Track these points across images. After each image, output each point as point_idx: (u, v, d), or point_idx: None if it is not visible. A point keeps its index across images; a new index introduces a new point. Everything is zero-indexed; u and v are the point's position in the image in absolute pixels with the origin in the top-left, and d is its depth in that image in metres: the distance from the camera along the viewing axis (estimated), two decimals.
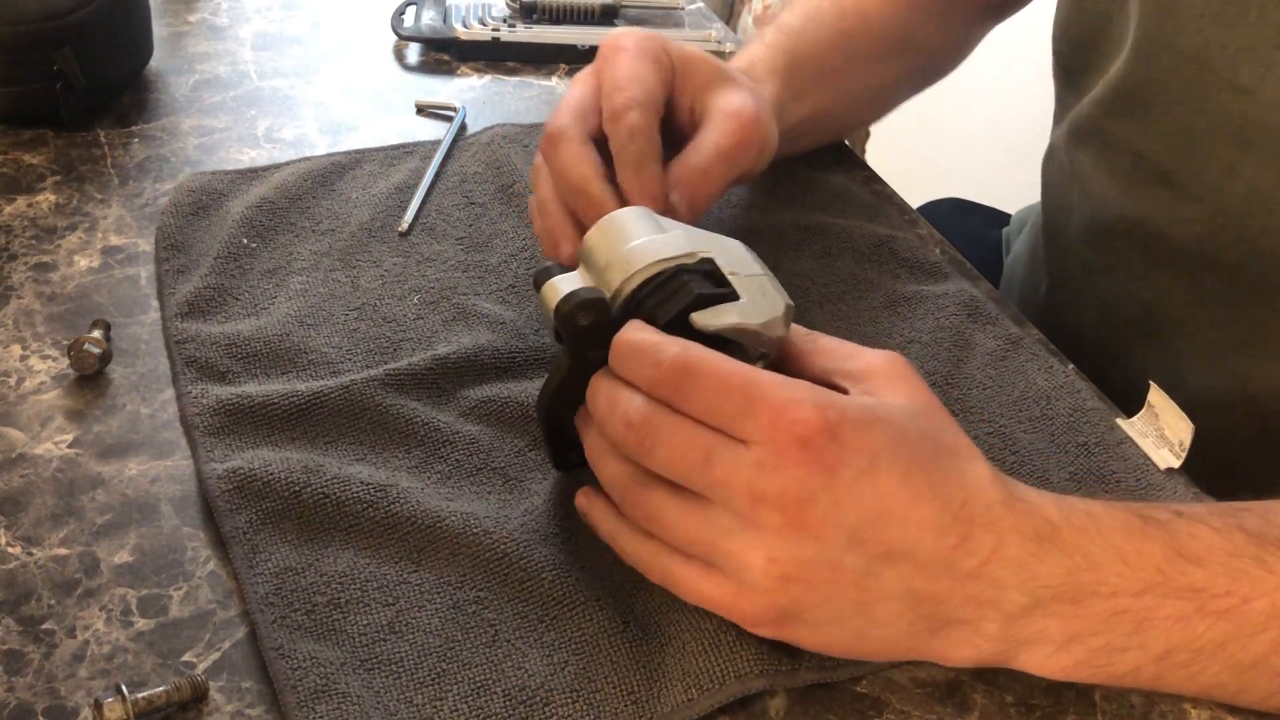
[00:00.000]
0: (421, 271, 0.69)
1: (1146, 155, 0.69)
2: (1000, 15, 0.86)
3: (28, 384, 0.61)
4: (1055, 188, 0.81)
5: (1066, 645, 0.47)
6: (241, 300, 0.66)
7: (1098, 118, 0.72)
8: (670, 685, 0.49)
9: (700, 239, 0.53)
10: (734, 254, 0.53)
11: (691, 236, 0.53)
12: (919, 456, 0.46)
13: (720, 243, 0.53)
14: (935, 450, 0.47)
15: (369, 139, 0.82)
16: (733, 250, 0.54)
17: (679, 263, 0.51)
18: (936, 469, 0.46)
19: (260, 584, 0.51)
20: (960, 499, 0.46)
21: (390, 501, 0.54)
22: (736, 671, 0.49)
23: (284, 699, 0.47)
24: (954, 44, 0.85)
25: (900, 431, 0.46)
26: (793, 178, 0.79)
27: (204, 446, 0.57)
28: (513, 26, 0.93)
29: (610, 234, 0.53)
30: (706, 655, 0.49)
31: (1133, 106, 0.69)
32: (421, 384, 0.61)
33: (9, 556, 0.53)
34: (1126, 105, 0.69)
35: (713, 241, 0.53)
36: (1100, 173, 0.73)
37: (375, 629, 0.50)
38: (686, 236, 0.53)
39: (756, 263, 0.54)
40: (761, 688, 0.49)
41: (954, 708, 0.50)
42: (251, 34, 0.93)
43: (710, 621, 0.50)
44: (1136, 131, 0.69)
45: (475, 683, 0.49)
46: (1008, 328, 0.68)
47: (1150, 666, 0.47)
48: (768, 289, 0.52)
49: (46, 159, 0.77)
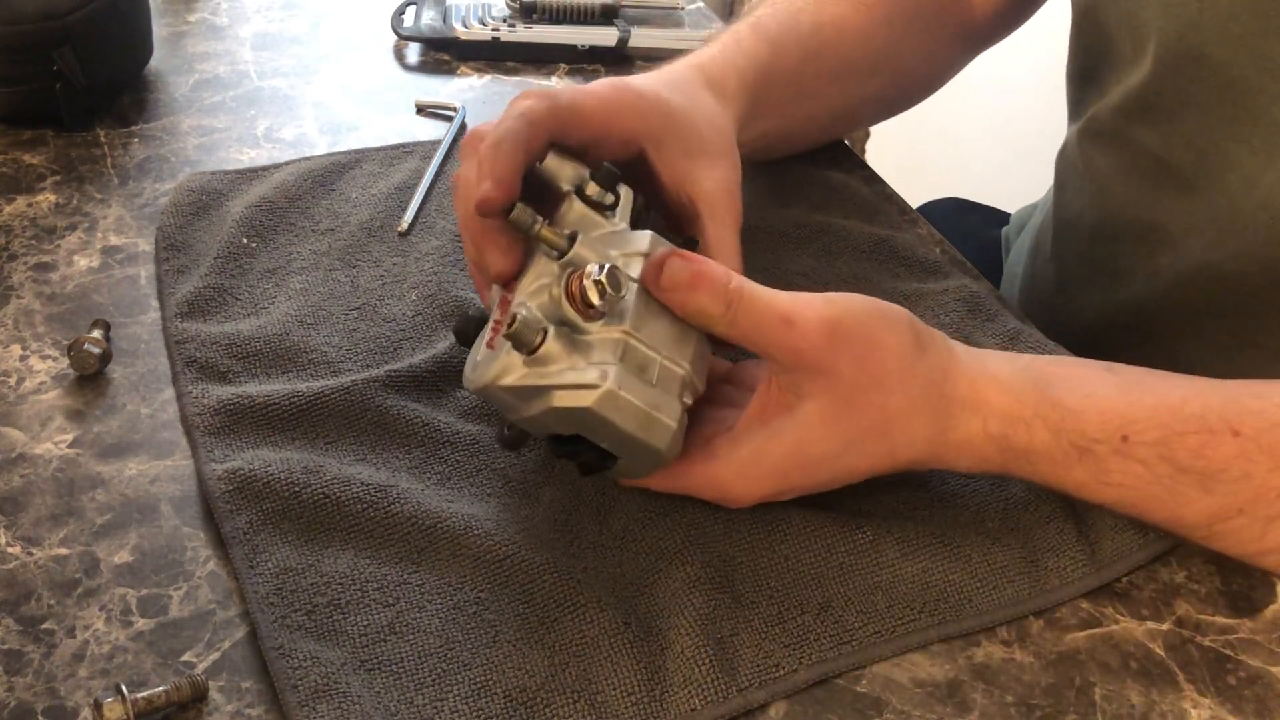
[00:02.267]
0: (420, 267, 0.69)
1: (1166, 160, 0.69)
2: (979, 47, 0.84)
3: (28, 384, 0.61)
4: (1068, 187, 0.81)
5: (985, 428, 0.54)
6: (241, 300, 0.66)
7: (1116, 121, 0.72)
8: (674, 691, 0.49)
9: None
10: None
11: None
12: (830, 457, 0.53)
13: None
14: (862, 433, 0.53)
15: (369, 139, 0.82)
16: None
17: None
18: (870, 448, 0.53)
19: (261, 584, 0.51)
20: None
21: (390, 502, 0.54)
22: (739, 685, 0.49)
23: (285, 698, 0.47)
24: (930, 71, 0.83)
25: (810, 457, 0.53)
26: (793, 177, 0.79)
27: (204, 447, 0.57)
28: (513, 26, 0.93)
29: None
30: (710, 664, 0.49)
31: (1155, 113, 0.69)
32: (422, 385, 0.61)
33: (9, 556, 0.53)
34: (1148, 112, 0.69)
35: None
36: (1117, 175, 0.73)
37: (376, 630, 0.50)
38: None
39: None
40: (762, 700, 0.49)
41: (954, 708, 0.50)
42: (251, 34, 0.93)
43: (714, 629, 0.50)
44: (1158, 137, 0.69)
45: (476, 684, 0.49)
46: (1008, 323, 0.68)
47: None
48: (656, 408, 0.50)
49: (46, 159, 0.77)
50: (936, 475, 0.59)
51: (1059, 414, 0.53)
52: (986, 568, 0.54)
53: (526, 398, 0.50)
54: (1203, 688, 0.51)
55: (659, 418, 0.50)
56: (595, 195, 0.55)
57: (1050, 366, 0.56)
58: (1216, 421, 0.53)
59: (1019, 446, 0.54)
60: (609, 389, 0.49)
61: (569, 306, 0.50)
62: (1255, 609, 0.55)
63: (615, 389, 0.49)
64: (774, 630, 0.51)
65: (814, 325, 0.51)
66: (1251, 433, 0.52)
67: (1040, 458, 0.54)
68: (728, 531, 0.55)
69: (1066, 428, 0.53)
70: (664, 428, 0.50)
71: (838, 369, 0.52)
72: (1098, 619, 0.54)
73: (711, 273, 0.52)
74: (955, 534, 0.55)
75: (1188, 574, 0.56)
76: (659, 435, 0.50)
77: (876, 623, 0.52)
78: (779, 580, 0.53)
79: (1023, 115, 1.70)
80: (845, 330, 0.52)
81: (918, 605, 0.53)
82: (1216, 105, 0.65)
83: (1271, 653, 0.53)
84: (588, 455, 0.52)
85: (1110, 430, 0.53)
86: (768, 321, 0.51)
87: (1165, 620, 0.54)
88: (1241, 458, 0.52)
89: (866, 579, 0.53)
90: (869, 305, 0.54)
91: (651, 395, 0.50)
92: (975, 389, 0.54)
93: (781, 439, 0.52)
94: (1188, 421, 0.53)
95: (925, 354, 0.54)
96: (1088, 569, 0.55)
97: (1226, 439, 0.52)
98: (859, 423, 0.52)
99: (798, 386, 0.52)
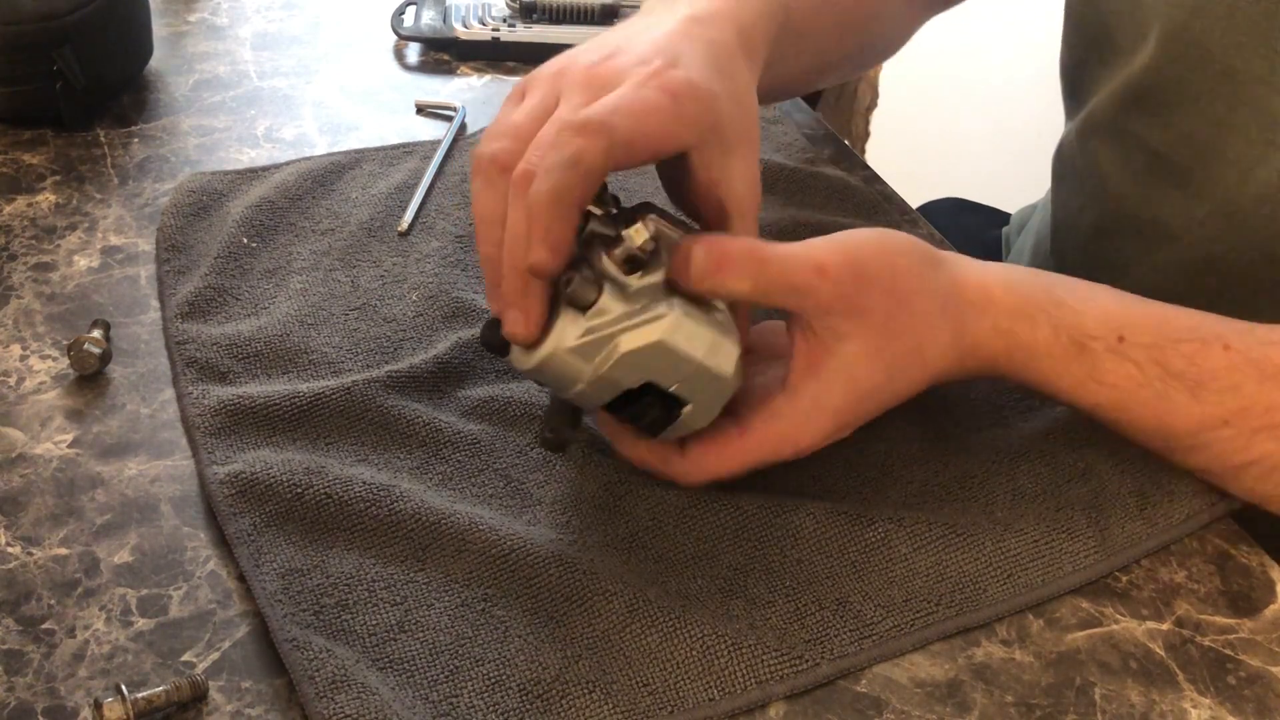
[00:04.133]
0: (420, 268, 0.69)
1: (1164, 154, 0.69)
2: (941, 7, 0.84)
3: (28, 384, 0.61)
4: (1066, 183, 0.81)
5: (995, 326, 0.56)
6: (242, 300, 0.66)
7: (1114, 114, 0.72)
8: (691, 681, 0.49)
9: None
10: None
11: None
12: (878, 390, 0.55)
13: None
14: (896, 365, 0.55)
15: (369, 139, 0.82)
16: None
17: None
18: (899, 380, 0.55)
19: (268, 583, 0.51)
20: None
21: (393, 500, 0.54)
22: (758, 677, 0.49)
23: (302, 689, 0.47)
24: (902, 31, 0.83)
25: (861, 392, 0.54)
26: (793, 176, 0.79)
27: (205, 448, 0.57)
28: (513, 26, 0.93)
29: None
30: (729, 656, 0.49)
31: (1153, 104, 0.69)
32: (422, 385, 0.61)
33: (9, 556, 0.53)
34: (1146, 103, 0.69)
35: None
36: (1115, 170, 0.73)
37: (385, 629, 0.50)
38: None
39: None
40: (782, 694, 0.49)
41: (954, 708, 0.50)
42: (251, 34, 0.93)
43: (731, 625, 0.50)
44: (1156, 130, 0.69)
45: (490, 679, 0.49)
46: None
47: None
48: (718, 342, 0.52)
49: (46, 159, 0.77)
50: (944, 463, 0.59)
51: (1061, 311, 0.56)
52: (1000, 556, 0.54)
53: (590, 355, 0.50)
54: (1203, 688, 0.51)
55: (725, 341, 0.52)
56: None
57: (1053, 274, 0.59)
58: (1209, 334, 0.55)
59: (1024, 342, 0.56)
60: (677, 315, 0.50)
61: (611, 267, 0.50)
62: (1255, 609, 0.55)
63: (683, 315, 0.50)
64: (792, 626, 0.51)
65: (843, 268, 0.53)
66: (1242, 347, 0.55)
67: (1042, 355, 0.56)
68: (737, 541, 0.55)
69: (1066, 323, 0.56)
70: (730, 350, 0.52)
71: (870, 304, 0.53)
72: (1098, 619, 0.54)
73: (733, 250, 0.51)
74: (966, 523, 0.56)
75: (1188, 574, 0.56)
76: (726, 359, 0.52)
77: (895, 616, 0.52)
78: (793, 581, 0.53)
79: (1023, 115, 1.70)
80: (867, 265, 0.54)
81: (934, 597, 0.53)
82: (1215, 95, 0.65)
83: (1271, 653, 0.53)
84: (654, 408, 0.52)
85: (1108, 329, 0.55)
86: (800, 275, 0.52)
87: (1165, 620, 0.54)
88: (1231, 369, 0.55)
89: (881, 574, 0.54)
90: (876, 235, 0.56)
91: (712, 320, 0.52)
92: (984, 289, 0.56)
93: (834, 383, 0.54)
94: (1181, 330, 0.56)
95: (937, 267, 0.56)
96: (1099, 555, 0.55)
97: (1217, 350, 0.55)
98: (897, 349, 0.54)
99: (835, 330, 0.53)
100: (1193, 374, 0.55)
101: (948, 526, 0.55)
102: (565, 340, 0.50)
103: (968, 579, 0.54)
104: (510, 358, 0.53)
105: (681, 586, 0.53)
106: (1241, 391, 0.54)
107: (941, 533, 0.55)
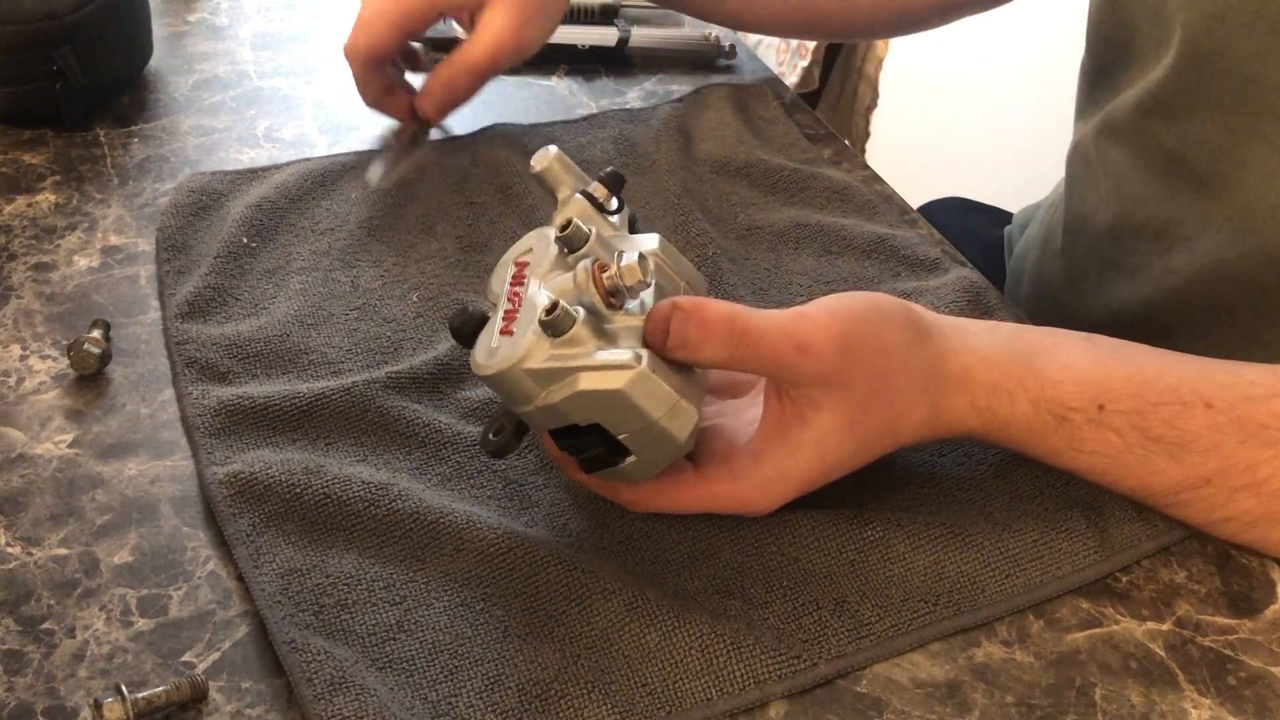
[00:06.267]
0: (421, 269, 0.69)
1: (1184, 158, 0.69)
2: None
3: (28, 384, 0.61)
4: (1081, 183, 0.80)
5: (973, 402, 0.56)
6: (241, 300, 0.66)
7: (1135, 118, 0.72)
8: (689, 680, 0.49)
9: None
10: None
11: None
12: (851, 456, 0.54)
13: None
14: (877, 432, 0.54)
15: (369, 139, 0.82)
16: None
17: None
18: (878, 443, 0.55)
19: (267, 584, 0.51)
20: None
21: (391, 500, 0.54)
22: (756, 677, 0.49)
23: (300, 692, 0.47)
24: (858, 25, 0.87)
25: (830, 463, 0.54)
26: (793, 177, 0.79)
27: (205, 448, 0.57)
28: None
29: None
30: (728, 655, 0.49)
31: (1175, 110, 0.69)
32: (422, 386, 0.61)
33: (9, 556, 0.53)
34: (1168, 108, 0.69)
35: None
36: (1133, 172, 0.73)
37: (384, 628, 0.50)
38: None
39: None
40: (781, 693, 0.49)
41: (954, 708, 0.50)
42: (251, 33, 0.93)
43: (728, 624, 0.50)
44: (1177, 134, 0.69)
45: (489, 678, 0.49)
46: (1005, 318, 0.68)
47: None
48: (670, 422, 0.50)
49: (46, 159, 0.77)
50: (940, 467, 0.59)
51: (1040, 385, 0.55)
52: (998, 556, 0.54)
53: (546, 382, 0.49)
54: (1203, 688, 0.51)
55: (685, 406, 0.50)
56: (601, 196, 0.55)
57: (1031, 336, 0.58)
58: (1189, 394, 0.54)
59: (1002, 419, 0.55)
60: (643, 370, 0.49)
61: (595, 293, 0.50)
62: (1255, 609, 0.55)
63: (649, 371, 0.49)
64: (790, 626, 0.51)
65: (827, 346, 0.52)
66: (1223, 405, 0.54)
67: (1022, 429, 0.56)
68: (734, 540, 0.55)
69: (1046, 397, 0.55)
70: (688, 416, 0.50)
71: (852, 380, 0.52)
72: (1098, 619, 0.54)
73: (713, 320, 0.51)
74: (964, 524, 0.56)
75: (1188, 574, 0.56)
76: (683, 424, 0.50)
77: (893, 616, 0.52)
78: (790, 581, 0.53)
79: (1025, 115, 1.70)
80: (855, 342, 0.52)
81: (932, 597, 0.53)
82: (1236, 102, 0.64)
83: (1271, 653, 0.53)
84: (598, 448, 0.51)
85: (1088, 400, 0.54)
86: (780, 351, 0.51)
87: (1165, 620, 0.54)
88: (1213, 430, 0.54)
89: (879, 574, 0.54)
90: (869, 307, 0.54)
91: (677, 382, 0.50)
92: (964, 367, 0.55)
93: (803, 453, 0.53)
94: (1162, 393, 0.54)
95: (922, 344, 0.55)
96: (1098, 555, 0.55)
97: (1199, 410, 0.54)
98: (872, 424, 0.54)
99: (811, 399, 0.52)
100: (1173, 437, 0.54)
101: (945, 526, 0.55)
102: (527, 360, 0.49)
103: (965, 579, 0.54)
104: (470, 361, 0.52)
105: (680, 586, 0.53)
106: (1222, 451, 0.54)
107: (939, 532, 0.55)
